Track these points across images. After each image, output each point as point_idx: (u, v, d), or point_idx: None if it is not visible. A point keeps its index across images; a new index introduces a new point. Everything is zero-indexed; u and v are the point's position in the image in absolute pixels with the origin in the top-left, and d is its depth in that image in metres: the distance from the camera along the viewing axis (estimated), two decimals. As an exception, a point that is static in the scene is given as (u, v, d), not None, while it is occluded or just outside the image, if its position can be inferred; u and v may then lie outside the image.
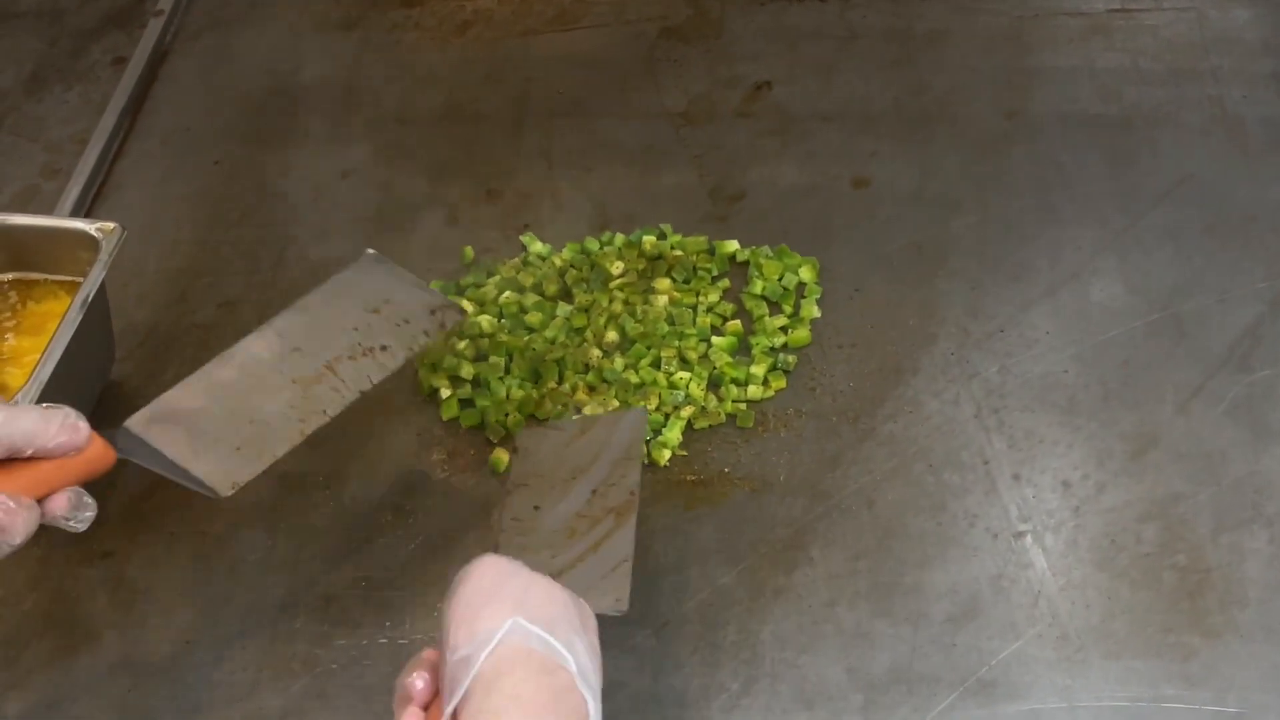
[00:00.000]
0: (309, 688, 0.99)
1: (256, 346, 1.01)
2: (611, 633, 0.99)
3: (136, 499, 1.11)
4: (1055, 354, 1.14)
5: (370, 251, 1.09)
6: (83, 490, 0.89)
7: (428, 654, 0.77)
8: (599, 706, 0.74)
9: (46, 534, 0.91)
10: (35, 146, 1.43)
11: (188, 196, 1.36)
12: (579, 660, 0.74)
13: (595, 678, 0.75)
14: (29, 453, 0.85)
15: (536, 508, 0.97)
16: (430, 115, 1.42)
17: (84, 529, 0.89)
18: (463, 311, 1.08)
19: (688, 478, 1.09)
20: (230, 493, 0.96)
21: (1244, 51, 1.39)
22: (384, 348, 1.03)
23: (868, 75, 1.41)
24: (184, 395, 0.99)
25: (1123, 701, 0.94)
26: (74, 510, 0.87)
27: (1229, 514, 1.03)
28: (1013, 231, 1.24)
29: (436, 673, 0.75)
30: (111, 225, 1.11)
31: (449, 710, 0.71)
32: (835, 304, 1.20)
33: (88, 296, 1.07)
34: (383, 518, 1.08)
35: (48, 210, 1.32)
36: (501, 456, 1.10)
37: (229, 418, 0.98)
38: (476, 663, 0.71)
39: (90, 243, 1.11)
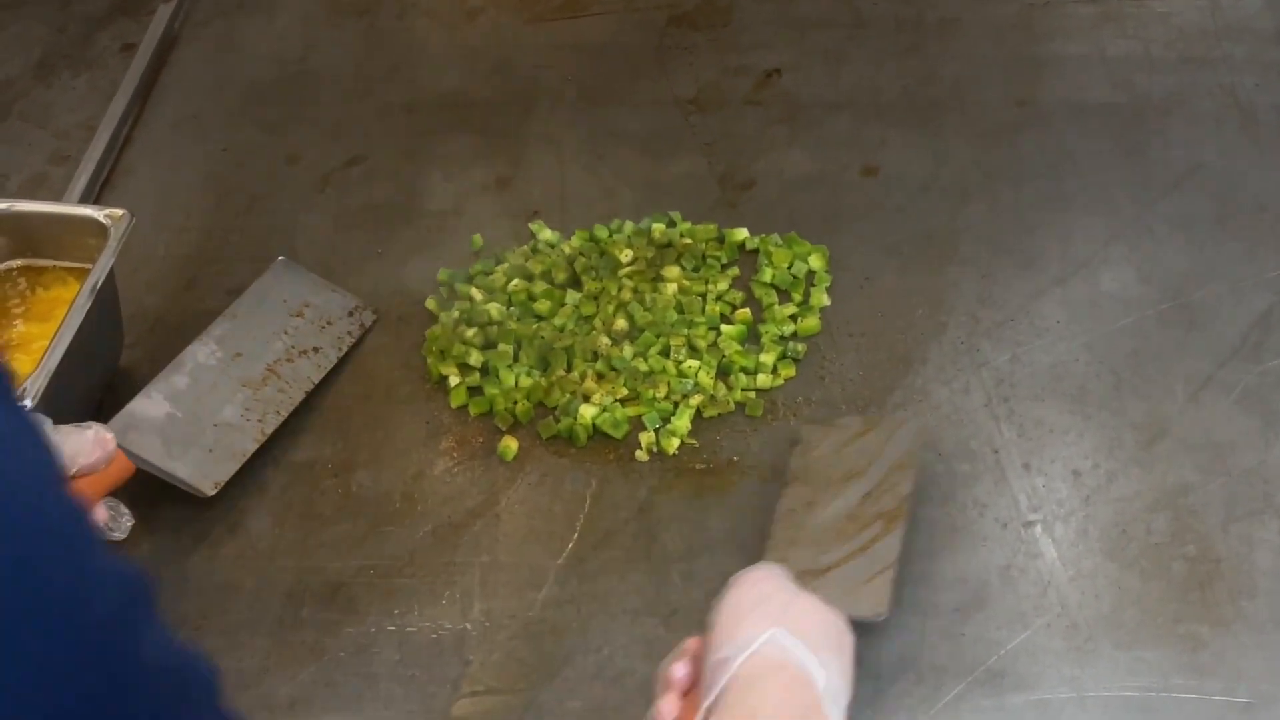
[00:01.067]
0: (317, 675, 0.99)
1: (202, 355, 1.11)
2: (620, 621, 1.00)
3: (144, 486, 1.11)
4: (1065, 343, 1.14)
5: (281, 258, 1.19)
6: (117, 500, 0.93)
7: (691, 643, 0.78)
8: None
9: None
10: (44, 133, 1.43)
11: (196, 183, 1.36)
12: (830, 680, 0.75)
13: (844, 698, 0.76)
14: (73, 472, 0.89)
15: (810, 504, 1.00)
16: (439, 102, 1.42)
17: (124, 537, 0.94)
18: (375, 312, 1.17)
19: (696, 466, 1.08)
20: (213, 492, 1.05)
21: (1256, 39, 1.38)
22: (316, 349, 1.14)
23: (878, 63, 1.41)
24: (149, 404, 1.07)
25: (1132, 691, 0.93)
26: (114, 520, 0.94)
27: (1239, 504, 1.02)
28: (1023, 220, 1.24)
29: (698, 663, 0.76)
30: (120, 212, 1.11)
31: (705, 706, 0.73)
32: (845, 292, 1.19)
33: (96, 283, 1.07)
34: (390, 505, 1.08)
35: (56, 197, 1.32)
36: (510, 444, 1.10)
37: (194, 422, 1.07)
38: (732, 666, 0.73)
39: (99, 229, 1.10)
